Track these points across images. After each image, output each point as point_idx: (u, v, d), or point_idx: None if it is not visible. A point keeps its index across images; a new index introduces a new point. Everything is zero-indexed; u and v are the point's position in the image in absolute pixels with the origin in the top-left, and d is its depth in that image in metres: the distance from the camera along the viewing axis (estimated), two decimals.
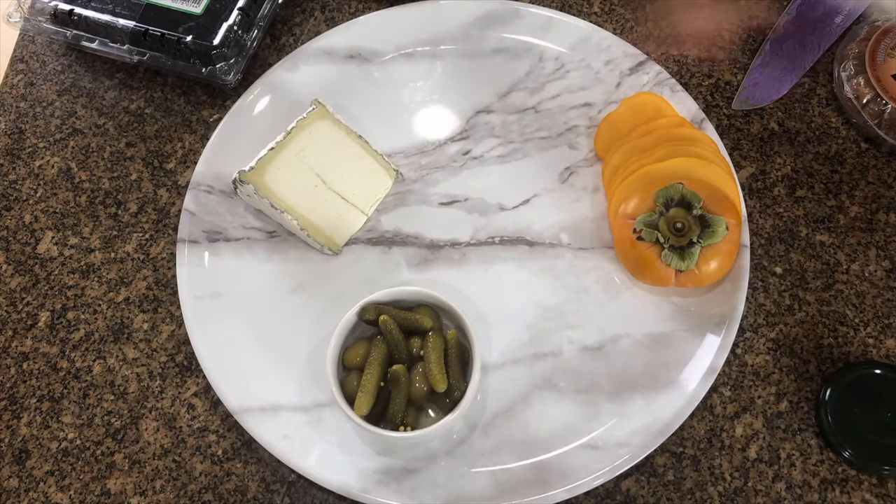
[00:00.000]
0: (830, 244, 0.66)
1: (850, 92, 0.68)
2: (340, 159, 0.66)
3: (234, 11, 0.72)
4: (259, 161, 0.63)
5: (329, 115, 0.66)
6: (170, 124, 0.74)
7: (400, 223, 0.67)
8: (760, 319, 0.64)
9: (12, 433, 0.63)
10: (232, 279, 0.66)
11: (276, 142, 0.64)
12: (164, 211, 0.70)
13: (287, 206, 0.64)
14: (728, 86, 0.72)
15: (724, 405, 0.61)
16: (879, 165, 0.68)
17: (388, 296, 0.60)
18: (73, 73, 0.76)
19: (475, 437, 0.60)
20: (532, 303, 0.64)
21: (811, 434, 0.60)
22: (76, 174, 0.72)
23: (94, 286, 0.67)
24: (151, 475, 0.61)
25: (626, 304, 0.64)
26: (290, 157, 0.64)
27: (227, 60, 0.71)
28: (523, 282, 0.64)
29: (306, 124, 0.65)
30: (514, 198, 0.68)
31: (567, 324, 0.63)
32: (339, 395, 0.57)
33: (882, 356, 0.62)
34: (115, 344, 0.65)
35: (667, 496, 0.59)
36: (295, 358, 0.63)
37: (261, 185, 0.63)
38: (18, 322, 0.67)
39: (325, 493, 0.60)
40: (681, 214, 0.61)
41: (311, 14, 0.78)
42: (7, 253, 0.69)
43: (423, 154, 0.70)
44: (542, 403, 0.61)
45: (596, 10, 0.76)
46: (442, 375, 0.57)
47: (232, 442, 0.62)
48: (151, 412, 0.63)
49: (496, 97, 0.72)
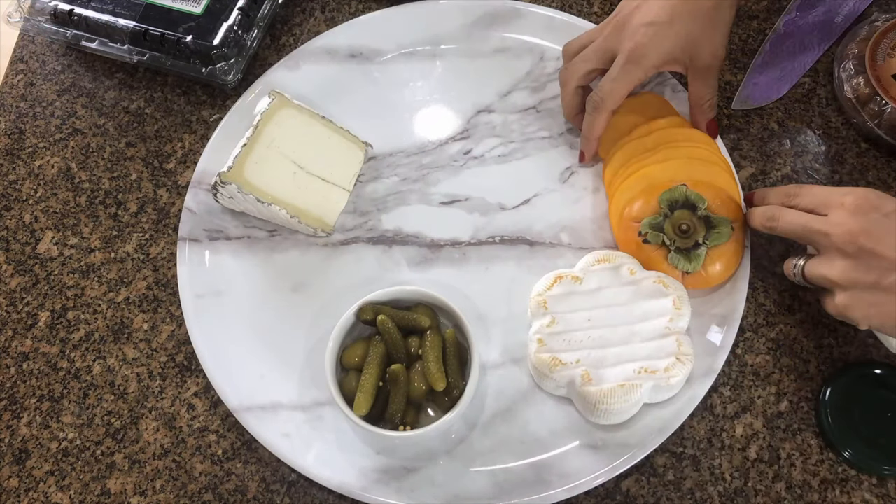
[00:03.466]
0: None
1: (850, 92, 0.68)
2: (311, 142, 0.67)
3: (234, 11, 0.72)
4: (235, 159, 0.64)
5: (290, 102, 0.67)
6: (170, 124, 0.74)
7: (400, 222, 0.67)
8: (760, 319, 0.63)
9: (12, 433, 0.63)
10: (232, 278, 0.66)
11: (247, 137, 0.65)
12: (164, 211, 0.70)
13: (273, 198, 0.64)
14: (728, 86, 0.72)
15: (724, 405, 0.61)
16: (879, 165, 0.68)
17: (386, 295, 0.60)
18: (73, 73, 0.77)
19: (474, 437, 0.60)
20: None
21: (811, 434, 0.60)
22: (76, 174, 0.72)
23: (94, 286, 0.67)
24: (151, 475, 0.61)
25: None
26: (264, 150, 0.65)
27: (227, 60, 0.71)
28: (524, 281, 0.64)
29: (270, 115, 0.66)
30: (514, 197, 0.68)
31: None
32: (339, 396, 0.57)
33: (882, 356, 0.62)
34: (115, 344, 0.65)
35: (667, 496, 0.59)
36: (295, 356, 0.63)
37: (242, 182, 0.63)
38: (18, 322, 0.67)
39: (324, 492, 0.60)
40: (686, 216, 0.61)
41: (311, 14, 0.78)
42: (7, 253, 0.69)
43: (424, 153, 0.70)
44: (541, 403, 0.61)
45: (596, 10, 0.76)
46: (440, 374, 0.57)
47: (232, 442, 0.62)
48: (151, 412, 0.63)
49: (497, 97, 0.72)
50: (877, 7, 0.74)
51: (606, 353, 0.58)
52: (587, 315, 0.60)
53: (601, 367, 0.57)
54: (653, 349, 0.58)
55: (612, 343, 0.58)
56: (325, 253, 0.67)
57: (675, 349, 0.57)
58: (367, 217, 0.68)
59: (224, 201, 0.65)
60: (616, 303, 0.60)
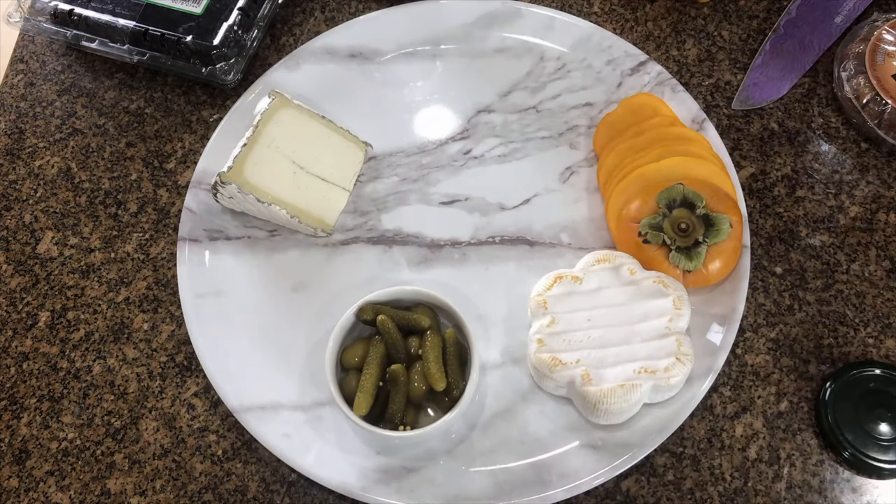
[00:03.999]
0: (830, 244, 0.66)
1: (850, 92, 0.68)
2: (311, 143, 0.67)
3: (234, 11, 0.72)
4: (235, 160, 0.64)
5: (290, 102, 0.67)
6: (170, 124, 0.74)
7: (400, 222, 0.67)
8: (760, 319, 0.63)
9: (12, 433, 0.63)
10: (232, 278, 0.66)
11: (247, 137, 0.65)
12: (164, 211, 0.70)
13: (272, 198, 0.64)
14: (728, 86, 0.72)
15: (724, 405, 0.61)
16: (879, 165, 0.68)
17: (386, 296, 0.60)
18: (73, 73, 0.77)
19: (474, 437, 0.60)
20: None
21: (811, 434, 0.60)
22: (76, 174, 0.72)
23: (94, 286, 0.67)
24: (151, 475, 0.61)
25: None
26: (264, 150, 0.65)
27: (227, 60, 0.71)
28: (524, 281, 0.64)
29: (270, 115, 0.66)
30: (514, 197, 0.68)
31: None
32: (339, 396, 0.57)
33: (882, 356, 0.62)
34: (115, 344, 0.65)
35: (667, 496, 0.59)
36: (295, 357, 0.63)
37: (242, 182, 0.63)
38: (18, 322, 0.67)
39: (324, 492, 0.60)
40: (684, 215, 0.61)
41: (311, 14, 0.78)
42: (7, 253, 0.69)
43: (424, 153, 0.70)
44: (541, 403, 0.61)
45: (596, 10, 0.76)
46: (440, 374, 0.57)
47: (232, 442, 0.62)
48: (151, 412, 0.63)
49: (497, 97, 0.72)
50: (877, 7, 0.74)
51: (606, 353, 0.58)
52: (587, 315, 0.60)
53: (601, 367, 0.57)
54: (653, 349, 0.58)
55: (612, 343, 0.58)
56: (325, 253, 0.67)
57: (674, 349, 0.57)
58: (367, 217, 0.68)
59: (224, 201, 0.65)
60: (616, 303, 0.60)
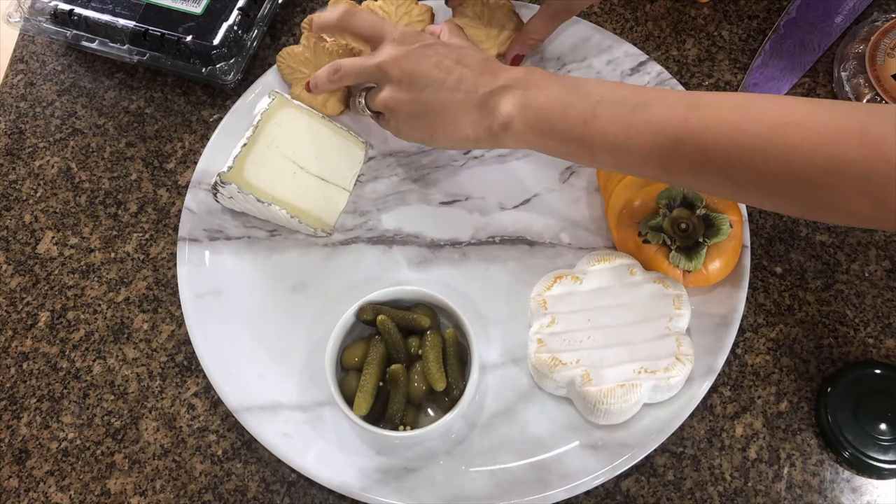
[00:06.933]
0: (830, 244, 0.66)
1: (850, 92, 0.68)
2: (311, 143, 0.67)
3: (234, 11, 0.72)
4: (235, 159, 0.64)
5: (290, 102, 0.67)
6: (170, 124, 0.74)
7: (400, 222, 0.67)
8: (760, 319, 0.63)
9: (12, 433, 0.63)
10: (232, 278, 0.66)
11: (247, 137, 0.65)
12: (164, 211, 0.70)
13: (273, 198, 0.64)
14: (728, 86, 0.72)
15: (724, 405, 0.61)
16: None
17: (386, 296, 0.60)
18: (73, 73, 0.77)
19: (474, 437, 0.60)
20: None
21: (811, 434, 0.60)
22: (76, 174, 0.72)
23: (94, 286, 0.67)
24: (151, 475, 0.61)
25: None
26: (264, 150, 0.65)
27: (227, 60, 0.71)
28: (524, 281, 0.64)
29: (270, 115, 0.66)
30: (514, 197, 0.68)
31: None
32: (339, 396, 0.57)
33: (882, 356, 0.62)
34: (115, 344, 0.65)
35: (667, 496, 0.59)
36: (295, 357, 0.63)
37: (242, 182, 0.63)
38: (18, 322, 0.67)
39: (324, 492, 0.60)
40: (685, 215, 0.61)
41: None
42: (7, 253, 0.69)
43: (424, 153, 0.70)
44: (541, 403, 0.61)
45: (596, 10, 0.76)
46: (440, 374, 0.57)
47: (232, 442, 0.62)
48: (151, 412, 0.63)
49: None
50: (877, 7, 0.74)
51: (606, 353, 0.58)
52: (587, 315, 0.60)
53: (601, 367, 0.57)
54: (652, 349, 0.58)
55: (611, 343, 0.58)
56: (325, 253, 0.67)
57: (674, 349, 0.57)
58: (367, 217, 0.68)
59: (224, 201, 0.65)
60: (616, 303, 0.60)
